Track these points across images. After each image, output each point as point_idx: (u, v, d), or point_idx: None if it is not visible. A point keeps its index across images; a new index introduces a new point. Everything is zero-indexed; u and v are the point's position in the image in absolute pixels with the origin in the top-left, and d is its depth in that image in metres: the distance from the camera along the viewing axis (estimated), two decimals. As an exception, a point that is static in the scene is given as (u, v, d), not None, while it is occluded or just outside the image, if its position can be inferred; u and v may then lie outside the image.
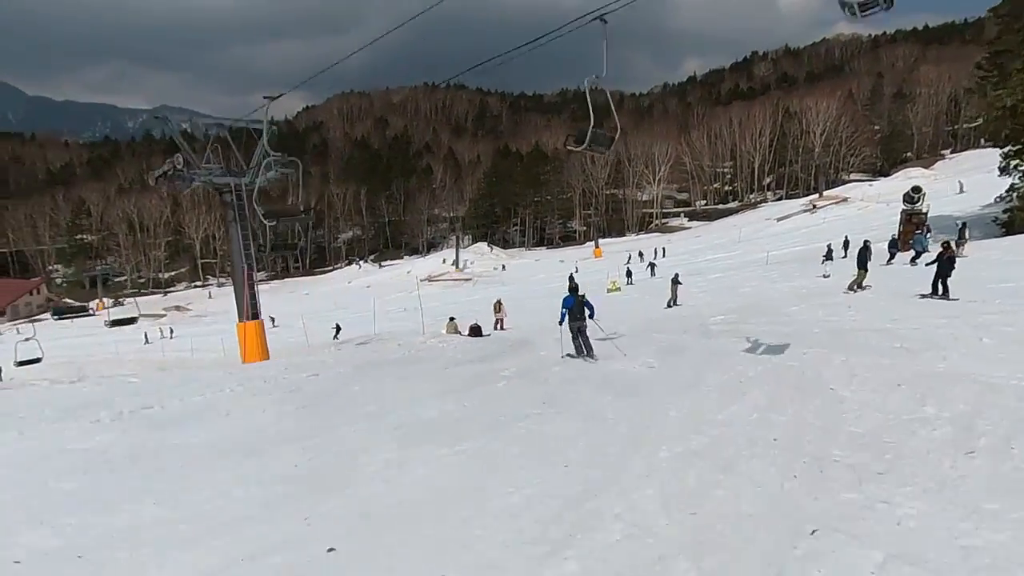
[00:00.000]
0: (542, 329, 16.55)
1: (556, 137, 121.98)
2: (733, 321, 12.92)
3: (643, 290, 29.69)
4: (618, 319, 18.21)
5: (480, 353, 12.59)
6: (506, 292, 49.16)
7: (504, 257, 77.92)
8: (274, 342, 29.62)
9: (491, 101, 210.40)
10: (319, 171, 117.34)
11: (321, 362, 12.03)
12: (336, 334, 31.18)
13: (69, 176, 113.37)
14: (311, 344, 25.68)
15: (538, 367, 10.39)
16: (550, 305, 25.58)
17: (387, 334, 22.08)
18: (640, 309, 20.53)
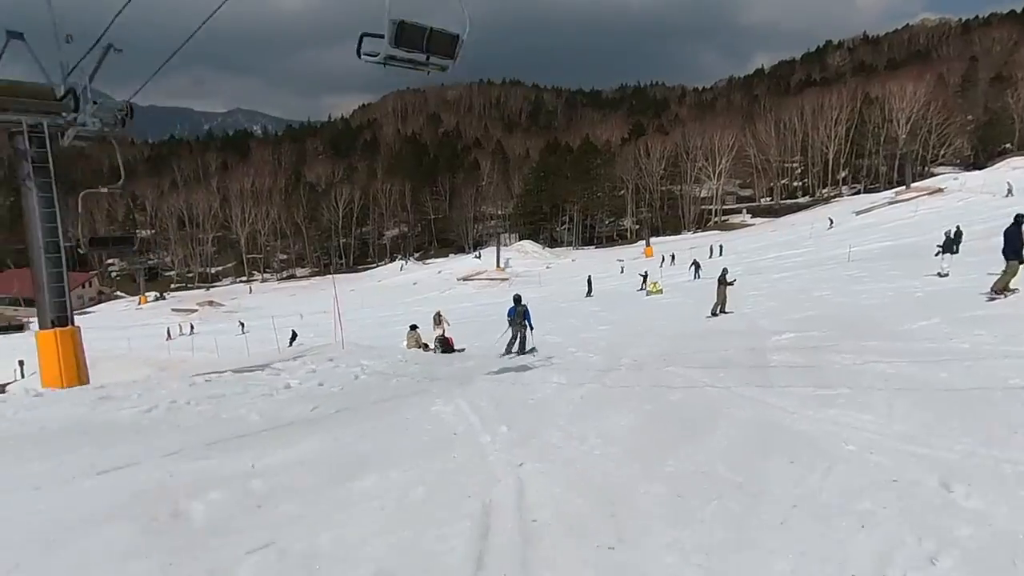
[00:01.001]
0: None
1: (611, 131, 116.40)
2: (809, 343, 7.93)
3: (688, 293, 24.48)
4: (635, 331, 13.36)
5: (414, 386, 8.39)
6: (532, 295, 44.73)
7: (548, 256, 73.17)
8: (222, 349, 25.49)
9: (546, 97, 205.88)
10: (367, 166, 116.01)
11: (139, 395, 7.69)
12: (291, 342, 27.77)
13: (129, 172, 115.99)
14: (244, 355, 22.17)
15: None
16: (569, 320, 20.95)
17: (349, 346, 18.06)
18: (675, 318, 15.59)
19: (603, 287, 39.22)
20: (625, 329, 14.57)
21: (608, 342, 11.87)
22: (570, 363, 9.23)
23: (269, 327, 39.27)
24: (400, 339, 22.60)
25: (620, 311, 21.12)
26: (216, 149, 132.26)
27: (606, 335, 13.49)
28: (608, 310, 22.67)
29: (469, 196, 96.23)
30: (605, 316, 19.83)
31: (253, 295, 80.00)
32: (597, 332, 14.89)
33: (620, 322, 16.87)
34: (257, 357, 23.17)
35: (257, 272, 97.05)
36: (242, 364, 18.12)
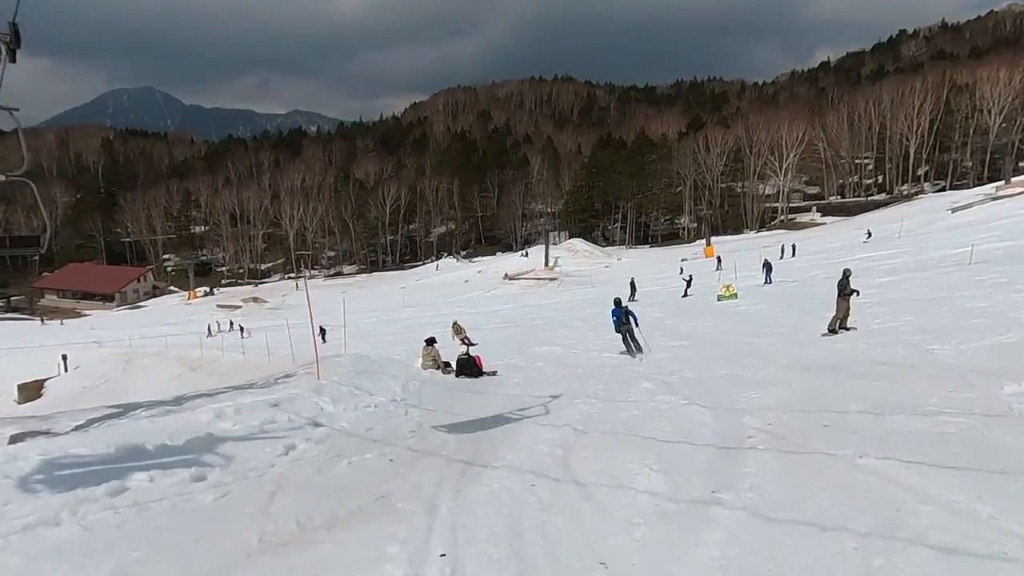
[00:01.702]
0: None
1: (667, 126, 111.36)
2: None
3: (768, 298, 20.78)
4: (727, 353, 10.06)
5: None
6: (581, 297, 41.39)
7: (600, 255, 69.53)
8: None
9: (599, 93, 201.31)
10: (415, 163, 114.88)
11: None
12: (323, 337, 27.63)
13: (186, 171, 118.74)
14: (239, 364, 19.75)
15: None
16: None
17: (345, 367, 15.40)
18: (773, 334, 12.14)
19: (660, 289, 35.64)
20: (711, 349, 11.28)
21: (697, 373, 8.67)
22: (654, 427, 5.90)
23: (307, 325, 37.35)
24: (386, 360, 19.98)
25: (690, 320, 17.71)
26: (269, 147, 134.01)
27: (688, 359, 10.26)
28: (675, 317, 19.28)
29: (518, 193, 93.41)
30: (674, 327, 16.48)
31: (299, 292, 79.42)
32: (671, 352, 11.65)
33: (698, 337, 13.56)
34: (252, 368, 20.88)
35: (305, 269, 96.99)
36: (223, 381, 15.70)
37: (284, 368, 15.70)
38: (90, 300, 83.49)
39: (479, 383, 10.19)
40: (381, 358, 13.19)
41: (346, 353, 14.42)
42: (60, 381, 40.62)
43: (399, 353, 17.50)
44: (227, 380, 19.28)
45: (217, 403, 6.61)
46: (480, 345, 18.21)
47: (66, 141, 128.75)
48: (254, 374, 17.44)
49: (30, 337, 55.03)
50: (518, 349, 15.48)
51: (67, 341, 48.75)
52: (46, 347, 46.58)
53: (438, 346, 11.93)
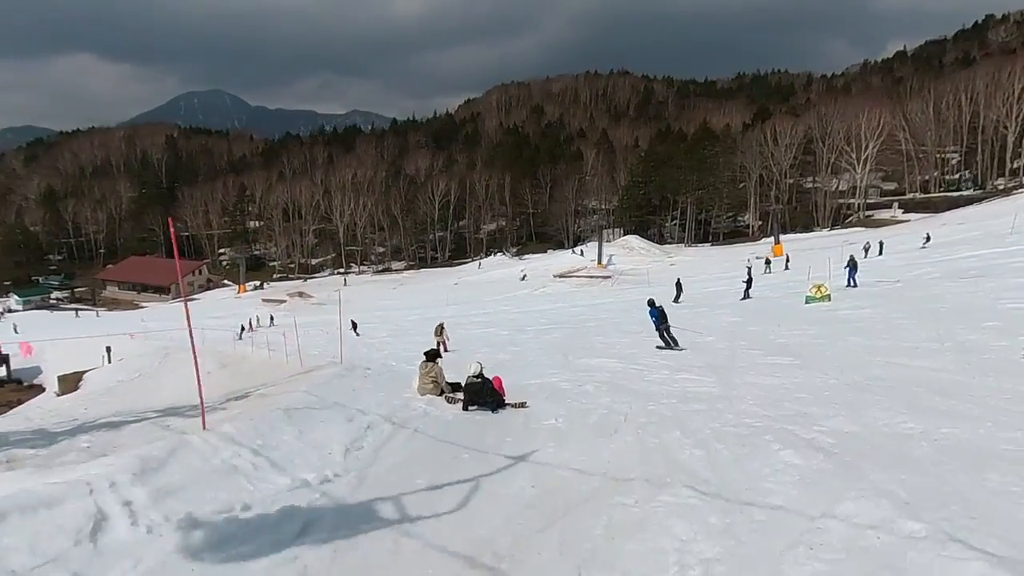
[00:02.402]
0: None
1: (730, 117, 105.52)
2: None
3: (867, 302, 16.96)
4: (899, 386, 6.60)
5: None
6: (636, 296, 37.83)
7: (657, 253, 65.40)
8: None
9: (656, 87, 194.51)
10: (466, 158, 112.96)
11: None
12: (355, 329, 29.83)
13: (243, 167, 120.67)
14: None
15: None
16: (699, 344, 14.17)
17: (327, 385, 12.75)
18: (936, 353, 8.61)
19: (726, 290, 31.83)
20: (842, 374, 7.97)
21: (856, 423, 5.42)
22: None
23: (360, 321, 35.63)
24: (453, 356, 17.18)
25: (781, 327, 14.24)
26: (323, 144, 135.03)
27: (815, 391, 7.03)
28: (757, 322, 15.83)
29: (571, 188, 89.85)
30: (762, 335, 13.10)
31: (347, 287, 78.59)
32: (775, 374, 8.42)
33: (807, 352, 10.21)
34: (275, 369, 18.58)
35: (355, 264, 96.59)
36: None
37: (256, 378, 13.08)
38: (148, 292, 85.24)
39: (497, 422, 7.13)
40: (379, 369, 10.47)
41: (336, 361, 11.80)
42: (99, 373, 40.09)
43: (416, 360, 14.82)
44: (252, 379, 17.28)
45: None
46: (516, 354, 15.29)
47: (133, 139, 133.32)
48: (276, 374, 15.23)
49: (87, 327, 55.66)
50: (563, 361, 12.46)
51: (116, 332, 48.83)
52: (97, 338, 46.67)
53: (441, 362, 8.88)
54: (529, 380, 9.65)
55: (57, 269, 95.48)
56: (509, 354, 15.81)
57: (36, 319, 66.59)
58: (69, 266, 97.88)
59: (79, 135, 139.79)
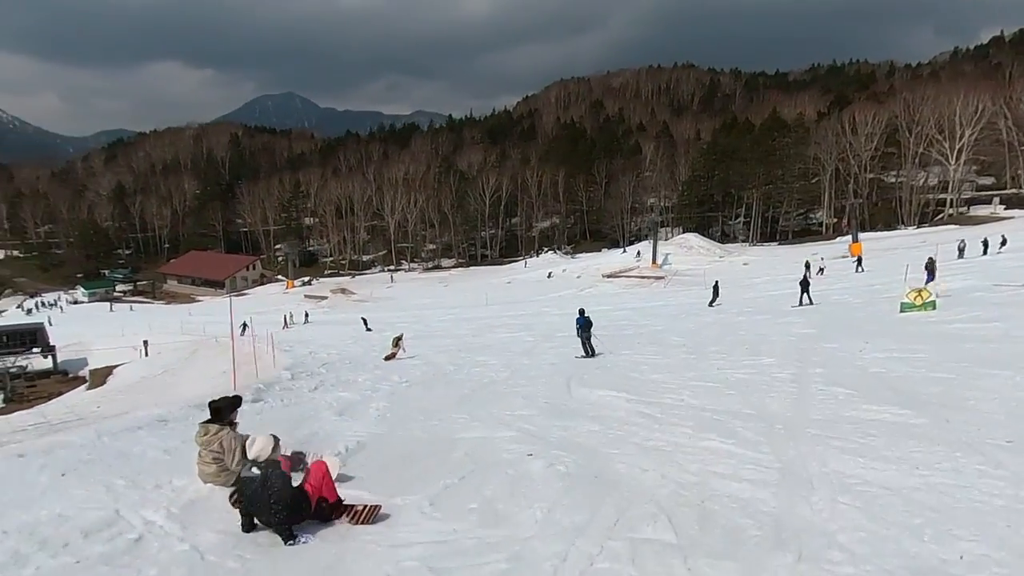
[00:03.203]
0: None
1: (803, 106, 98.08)
2: None
3: (992, 312, 12.76)
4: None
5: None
6: (691, 300, 33.70)
7: (718, 252, 60.42)
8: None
9: (723, 80, 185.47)
10: (520, 154, 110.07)
11: None
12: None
13: (302, 164, 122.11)
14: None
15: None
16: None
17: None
18: None
19: (790, 293, 27.52)
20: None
21: None
22: None
23: (392, 321, 33.59)
24: (484, 352, 14.40)
25: (863, 346, 10.44)
26: (379, 141, 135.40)
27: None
28: (838, 337, 12.05)
29: (627, 184, 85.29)
30: (849, 363, 9.40)
31: (394, 284, 77.31)
32: (877, 497, 4.66)
33: (934, 406, 6.44)
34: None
35: (405, 261, 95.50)
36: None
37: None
38: (204, 286, 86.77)
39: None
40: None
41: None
42: (128, 368, 39.65)
43: (404, 377, 12.03)
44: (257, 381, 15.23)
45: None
46: (518, 372, 12.17)
47: (201, 138, 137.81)
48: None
49: (137, 320, 56.33)
50: (565, 391, 9.21)
51: (160, 326, 48.79)
52: (140, 331, 46.64)
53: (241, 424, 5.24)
54: (482, 427, 6.50)
55: (125, 263, 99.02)
56: (512, 370, 12.77)
57: (87, 311, 68.44)
58: (136, 260, 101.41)
59: (153, 135, 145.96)
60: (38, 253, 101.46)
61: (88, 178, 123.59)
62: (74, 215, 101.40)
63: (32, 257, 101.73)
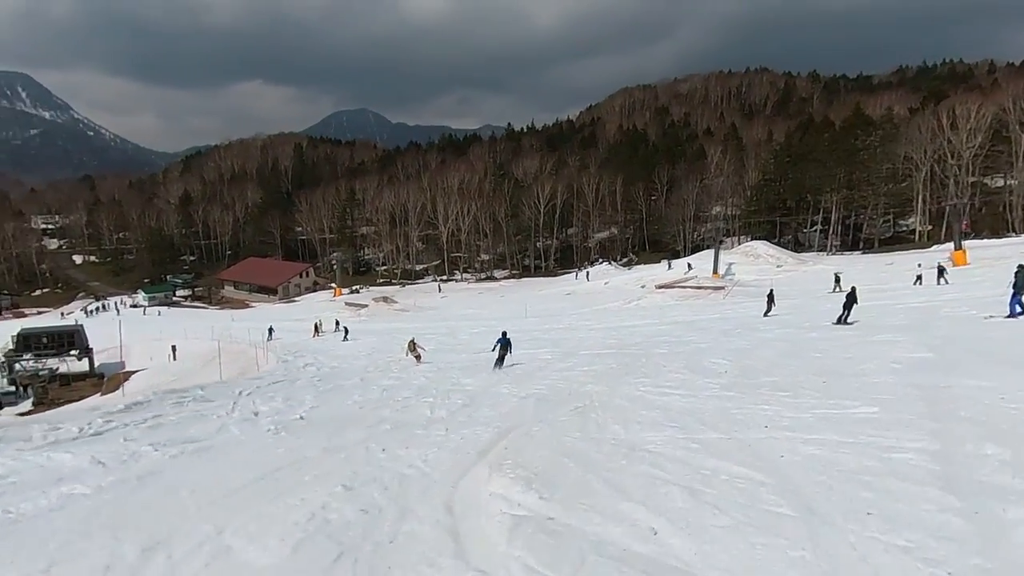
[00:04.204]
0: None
1: (891, 103, 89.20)
2: None
3: None
4: None
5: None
6: (753, 314, 28.61)
7: (790, 261, 54.08)
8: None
9: (799, 83, 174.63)
10: (578, 161, 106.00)
11: None
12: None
13: (361, 173, 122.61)
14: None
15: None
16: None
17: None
18: None
19: (894, 304, 22.25)
20: None
21: None
22: None
23: (421, 331, 30.48)
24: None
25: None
26: (436, 150, 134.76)
27: None
28: (980, 375, 7.53)
29: (690, 190, 79.53)
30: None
31: (443, 294, 74.75)
32: None
33: None
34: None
35: (458, 271, 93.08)
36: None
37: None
38: (258, 292, 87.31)
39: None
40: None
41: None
42: (145, 374, 38.50)
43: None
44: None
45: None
46: (448, 415, 8.37)
47: (267, 148, 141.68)
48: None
49: (178, 324, 55.96)
50: (450, 486, 5.31)
51: (198, 331, 47.97)
52: (176, 336, 45.91)
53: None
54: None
55: (189, 269, 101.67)
56: (452, 410, 9.04)
57: (138, 314, 69.44)
58: (199, 266, 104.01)
59: (225, 147, 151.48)
60: (111, 259, 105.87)
61: (160, 187, 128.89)
62: (144, 223, 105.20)
63: (106, 262, 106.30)
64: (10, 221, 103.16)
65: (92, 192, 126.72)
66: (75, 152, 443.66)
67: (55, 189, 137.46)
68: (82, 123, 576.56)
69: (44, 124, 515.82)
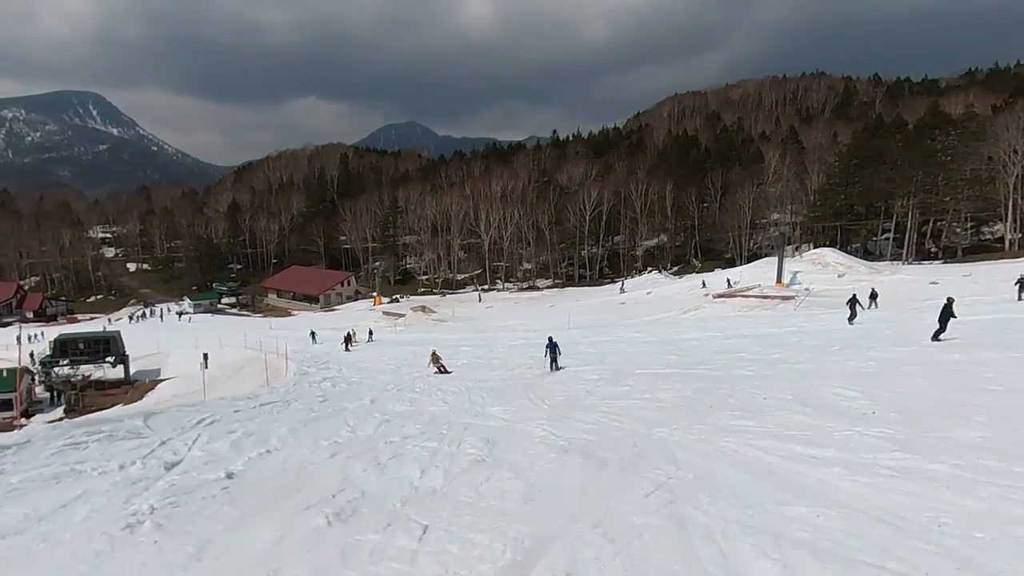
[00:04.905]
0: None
1: (967, 101, 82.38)
2: None
3: None
4: None
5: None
6: (837, 327, 24.73)
7: (863, 271, 49.22)
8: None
9: (860, 87, 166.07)
10: (625, 166, 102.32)
11: None
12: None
13: (405, 182, 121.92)
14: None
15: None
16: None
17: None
18: None
19: (994, 321, 18.32)
20: None
21: None
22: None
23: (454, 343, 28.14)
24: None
25: None
26: (480, 159, 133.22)
27: None
28: None
29: (746, 196, 74.92)
30: None
31: (482, 305, 72.28)
32: None
33: None
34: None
35: (500, 280, 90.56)
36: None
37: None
38: (301, 301, 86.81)
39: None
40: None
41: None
42: (171, 383, 37.15)
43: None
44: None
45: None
46: (541, 469, 5.44)
47: (314, 158, 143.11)
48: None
49: (221, 332, 55.15)
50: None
51: (232, 339, 46.86)
52: (211, 344, 44.91)
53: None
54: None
55: (236, 277, 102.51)
56: (552, 466, 6.16)
57: (173, 321, 69.39)
58: (245, 274, 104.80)
59: (273, 158, 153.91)
60: (162, 266, 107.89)
61: (210, 197, 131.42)
62: (193, 231, 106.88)
63: (157, 270, 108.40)
64: (68, 230, 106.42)
65: (147, 202, 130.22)
66: (139, 166, 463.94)
67: (113, 199, 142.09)
68: (147, 139, 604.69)
69: (112, 140, 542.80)
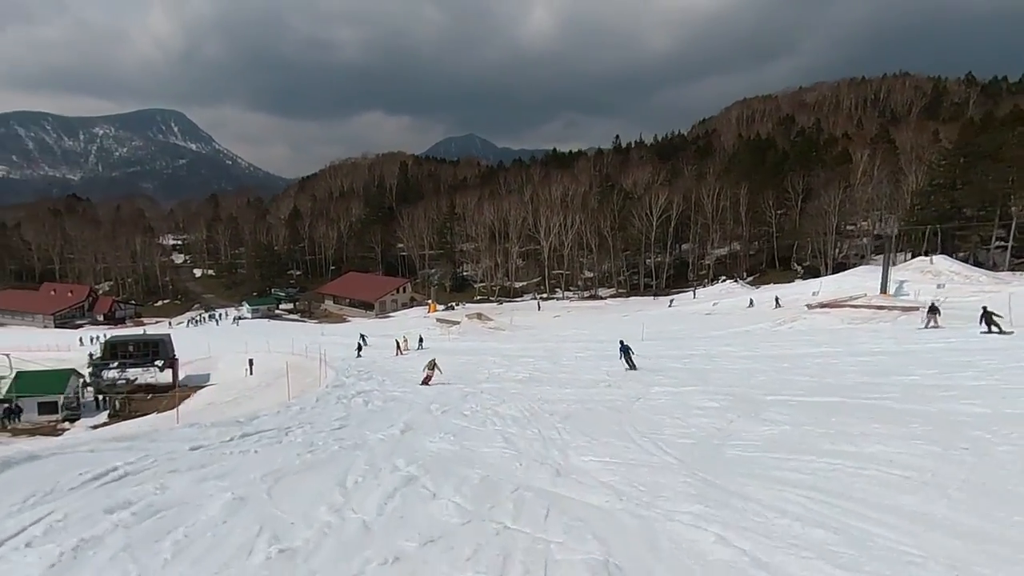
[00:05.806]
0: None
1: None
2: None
3: None
4: None
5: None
6: (978, 347, 19.44)
7: (984, 281, 42.63)
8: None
9: (950, 87, 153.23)
10: (694, 170, 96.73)
11: None
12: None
13: (464, 189, 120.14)
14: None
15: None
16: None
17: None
18: None
19: None
20: None
21: None
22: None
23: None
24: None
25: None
26: (540, 165, 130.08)
27: None
28: None
29: (831, 200, 68.29)
30: None
31: (540, 313, 68.53)
32: None
33: None
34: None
35: (559, 289, 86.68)
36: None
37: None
38: (356, 307, 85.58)
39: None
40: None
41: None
42: (211, 390, 35.21)
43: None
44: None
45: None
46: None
47: (375, 167, 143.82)
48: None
49: (271, 337, 53.78)
50: None
51: (280, 344, 45.21)
52: (260, 349, 43.31)
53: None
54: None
55: (295, 283, 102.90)
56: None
57: (231, 326, 68.84)
58: (304, 280, 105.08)
59: (335, 167, 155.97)
60: (225, 272, 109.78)
61: (273, 205, 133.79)
62: (255, 238, 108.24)
63: (221, 276, 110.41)
64: (140, 236, 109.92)
65: (215, 210, 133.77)
66: (214, 179, 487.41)
67: (184, 208, 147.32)
68: (222, 153, 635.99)
69: (190, 155, 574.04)
